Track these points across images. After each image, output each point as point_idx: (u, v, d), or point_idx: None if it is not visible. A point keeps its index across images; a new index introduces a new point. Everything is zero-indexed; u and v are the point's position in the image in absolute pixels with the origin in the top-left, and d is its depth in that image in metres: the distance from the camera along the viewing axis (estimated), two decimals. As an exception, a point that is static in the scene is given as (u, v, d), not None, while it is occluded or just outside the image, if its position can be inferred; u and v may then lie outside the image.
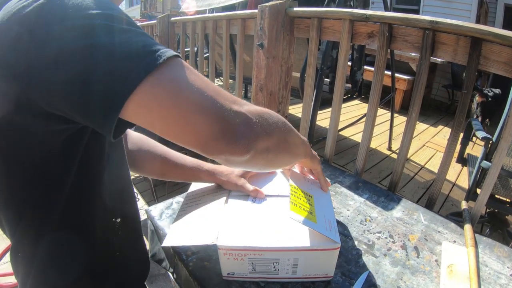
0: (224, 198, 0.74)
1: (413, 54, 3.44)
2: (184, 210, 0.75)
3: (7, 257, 1.94)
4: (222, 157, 0.40)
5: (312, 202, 0.67)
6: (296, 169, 0.79)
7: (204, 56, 2.37)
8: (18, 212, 0.48)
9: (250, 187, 0.75)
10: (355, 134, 3.23)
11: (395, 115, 3.01)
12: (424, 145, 3.20)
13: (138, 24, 0.44)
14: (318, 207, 0.66)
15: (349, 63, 1.98)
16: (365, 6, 2.54)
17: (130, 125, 0.38)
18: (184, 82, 0.35)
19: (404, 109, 4.19)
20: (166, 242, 0.63)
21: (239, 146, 0.38)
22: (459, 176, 2.60)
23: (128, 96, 0.33)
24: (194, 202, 0.77)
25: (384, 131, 3.22)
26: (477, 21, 4.66)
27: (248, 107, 0.41)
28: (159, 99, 0.34)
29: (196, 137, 0.37)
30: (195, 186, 0.85)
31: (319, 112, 1.97)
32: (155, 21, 2.71)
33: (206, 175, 0.79)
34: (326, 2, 2.21)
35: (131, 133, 0.77)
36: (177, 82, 0.35)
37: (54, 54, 0.33)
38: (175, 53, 0.36)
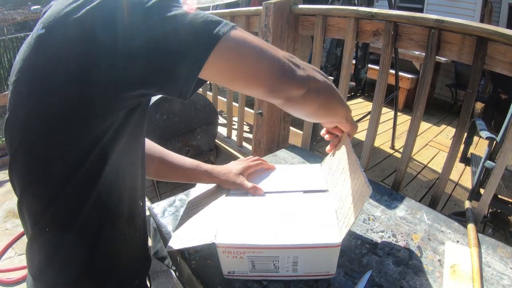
0: (223, 197, 0.74)
1: (416, 52, 3.42)
2: (186, 214, 0.76)
3: (9, 253, 1.96)
4: (284, 94, 0.50)
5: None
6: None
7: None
8: (50, 196, 0.48)
9: (248, 184, 0.75)
10: (357, 132, 3.22)
11: (398, 113, 2.99)
12: (427, 144, 3.18)
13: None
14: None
15: (353, 61, 1.97)
16: (370, 4, 2.53)
17: (202, 83, 0.46)
18: (250, 38, 0.46)
19: (407, 108, 4.16)
20: (170, 247, 0.64)
21: (297, 80, 0.49)
22: (462, 175, 2.59)
23: (212, 48, 0.41)
24: (195, 205, 0.78)
25: (387, 130, 3.20)
26: (481, 21, 4.61)
27: (298, 59, 0.52)
28: (236, 49, 0.44)
29: (266, 76, 0.47)
30: (199, 188, 0.86)
31: (322, 110, 1.96)
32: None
33: (205, 175, 0.79)
34: (330, 0, 2.20)
35: None
36: (245, 38, 0.45)
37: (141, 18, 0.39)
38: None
